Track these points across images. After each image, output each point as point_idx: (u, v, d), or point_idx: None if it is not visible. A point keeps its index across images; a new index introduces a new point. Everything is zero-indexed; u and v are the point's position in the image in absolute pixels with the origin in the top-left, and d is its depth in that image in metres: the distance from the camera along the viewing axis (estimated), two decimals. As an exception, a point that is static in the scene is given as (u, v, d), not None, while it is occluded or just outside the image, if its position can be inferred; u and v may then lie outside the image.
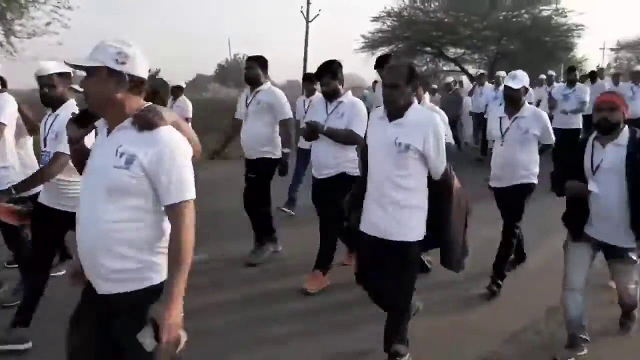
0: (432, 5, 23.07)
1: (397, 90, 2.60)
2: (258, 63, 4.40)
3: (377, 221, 2.70)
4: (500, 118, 3.93)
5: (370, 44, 23.99)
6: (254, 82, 4.35)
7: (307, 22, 25.08)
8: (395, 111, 2.64)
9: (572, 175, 2.85)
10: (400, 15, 23.16)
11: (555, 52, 22.56)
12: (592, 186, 2.75)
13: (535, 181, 3.88)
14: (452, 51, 24.06)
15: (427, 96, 4.37)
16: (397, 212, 2.63)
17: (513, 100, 3.83)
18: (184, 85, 7.11)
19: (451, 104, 9.30)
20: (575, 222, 2.90)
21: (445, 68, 25.03)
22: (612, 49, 36.90)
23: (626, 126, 2.79)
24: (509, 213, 3.91)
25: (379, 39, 23.74)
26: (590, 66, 24.36)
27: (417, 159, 2.61)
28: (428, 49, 23.79)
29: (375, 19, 23.51)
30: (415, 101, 2.74)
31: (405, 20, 23.02)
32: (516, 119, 3.81)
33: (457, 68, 23.86)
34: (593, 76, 9.77)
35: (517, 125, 3.80)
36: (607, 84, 9.77)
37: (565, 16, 22.30)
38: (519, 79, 3.80)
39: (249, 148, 4.40)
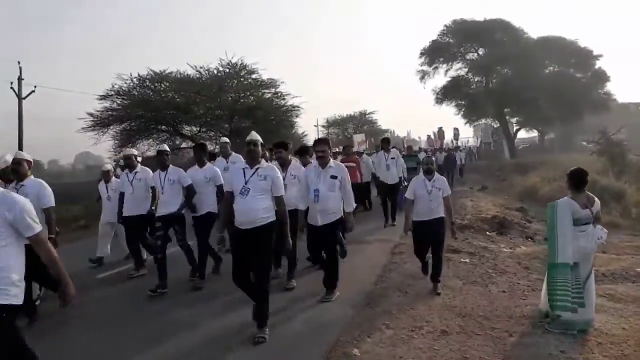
0: (162, 86, 23.29)
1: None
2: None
3: None
4: None
5: (100, 123, 22.55)
6: None
7: (20, 99, 22.07)
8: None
9: None
10: (131, 94, 22.63)
11: (279, 129, 25.57)
12: None
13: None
14: (187, 129, 24.57)
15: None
16: None
17: None
18: None
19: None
20: None
21: (183, 145, 25.30)
22: (322, 126, 44.80)
23: None
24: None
25: (109, 117, 22.54)
26: (311, 140, 28.52)
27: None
28: (163, 127, 23.72)
29: (103, 97, 22.36)
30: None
31: (136, 99, 22.57)
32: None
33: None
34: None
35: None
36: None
37: (284, 99, 25.75)
38: None
39: None
